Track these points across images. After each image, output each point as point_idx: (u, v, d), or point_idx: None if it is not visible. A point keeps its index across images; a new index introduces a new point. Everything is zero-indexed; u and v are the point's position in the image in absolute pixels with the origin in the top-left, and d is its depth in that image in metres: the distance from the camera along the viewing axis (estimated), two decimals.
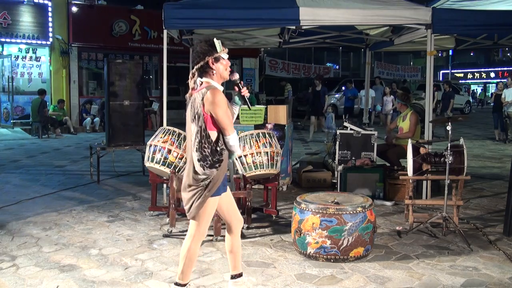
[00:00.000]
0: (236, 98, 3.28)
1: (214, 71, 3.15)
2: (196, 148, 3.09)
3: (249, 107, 3.39)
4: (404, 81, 24.13)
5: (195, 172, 3.09)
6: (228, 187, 3.34)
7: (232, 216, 3.35)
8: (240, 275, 3.41)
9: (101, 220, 5.44)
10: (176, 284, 3.25)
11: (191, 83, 3.18)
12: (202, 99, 3.05)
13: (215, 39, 3.15)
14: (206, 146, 3.07)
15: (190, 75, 3.17)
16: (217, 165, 3.09)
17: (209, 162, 3.07)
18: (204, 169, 3.07)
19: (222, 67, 3.17)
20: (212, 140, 3.08)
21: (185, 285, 3.24)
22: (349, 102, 15.68)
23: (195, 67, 3.14)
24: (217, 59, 3.15)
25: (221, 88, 3.17)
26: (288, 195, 6.55)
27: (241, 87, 3.25)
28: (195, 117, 3.09)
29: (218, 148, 3.10)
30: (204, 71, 3.15)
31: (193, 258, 3.23)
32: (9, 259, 4.19)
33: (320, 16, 5.78)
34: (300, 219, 4.24)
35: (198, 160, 3.08)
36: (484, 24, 6.06)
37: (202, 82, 3.16)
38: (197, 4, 6.00)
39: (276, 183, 5.42)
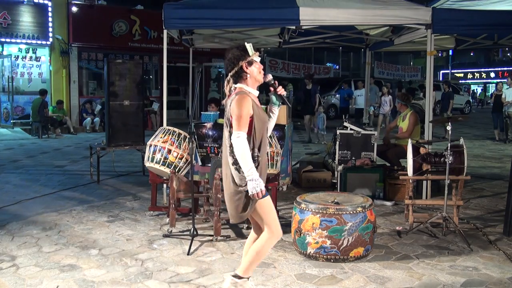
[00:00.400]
0: (274, 98, 3.32)
1: (248, 75, 3.17)
2: (229, 152, 3.11)
3: (288, 105, 3.42)
4: (410, 82, 24.09)
5: (232, 177, 3.11)
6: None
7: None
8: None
9: (101, 220, 5.44)
10: (235, 276, 3.26)
11: (226, 90, 3.22)
12: (231, 105, 3.10)
13: (246, 43, 3.18)
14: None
15: (225, 82, 3.22)
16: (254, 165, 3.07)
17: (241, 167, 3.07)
18: (239, 172, 3.07)
19: (256, 70, 3.19)
20: None
21: (243, 278, 3.24)
22: (345, 103, 15.65)
23: (230, 74, 3.17)
24: (250, 63, 3.17)
25: (256, 93, 3.21)
26: (288, 195, 6.55)
27: (276, 87, 3.27)
28: (226, 122, 3.15)
29: (252, 152, 3.09)
30: (239, 76, 3.17)
31: (262, 256, 3.26)
32: (9, 259, 4.19)
33: (320, 16, 5.78)
34: (300, 219, 4.24)
35: (233, 164, 3.10)
36: (484, 24, 6.06)
37: (235, 88, 3.19)
38: (197, 4, 6.00)
39: (276, 183, 5.42)
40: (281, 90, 3.26)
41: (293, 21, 5.82)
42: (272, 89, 3.29)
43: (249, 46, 3.17)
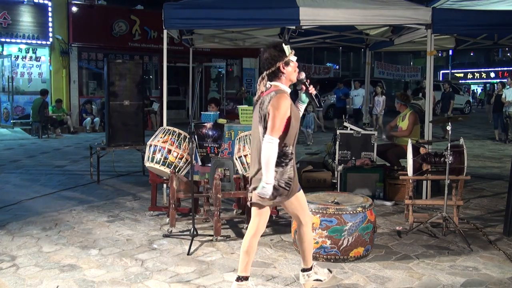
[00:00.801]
0: (303, 96, 3.40)
1: (284, 75, 3.24)
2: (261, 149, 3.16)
3: (316, 104, 3.45)
4: (418, 82, 24.03)
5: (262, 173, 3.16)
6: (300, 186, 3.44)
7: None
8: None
9: (101, 220, 5.44)
10: (305, 270, 3.53)
11: (260, 87, 3.27)
12: (269, 102, 3.14)
13: (283, 44, 3.25)
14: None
15: (260, 79, 3.28)
16: (283, 164, 3.18)
17: (280, 163, 3.16)
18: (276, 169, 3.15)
19: (292, 70, 3.26)
20: (280, 142, 3.14)
21: (310, 268, 3.51)
22: (341, 102, 15.54)
23: (266, 72, 3.24)
24: (287, 63, 3.24)
25: (289, 91, 3.29)
26: None
27: (308, 86, 3.35)
28: (261, 118, 3.18)
29: (283, 149, 3.17)
30: (275, 75, 3.24)
31: (311, 242, 3.51)
32: (9, 259, 4.19)
33: (320, 16, 5.78)
34: None
35: None
36: (484, 24, 6.05)
37: (271, 85, 3.25)
38: (197, 4, 6.00)
39: None
40: (312, 89, 3.36)
41: (293, 21, 5.81)
42: (304, 87, 3.38)
43: (286, 47, 3.24)
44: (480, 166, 9.15)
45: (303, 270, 3.54)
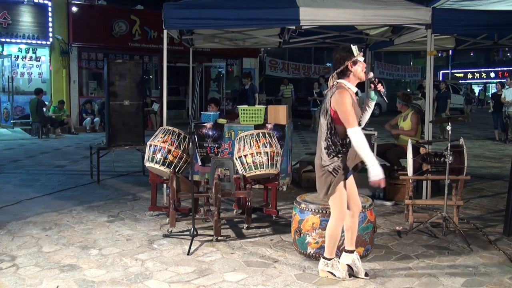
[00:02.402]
0: (372, 93, 3.71)
1: (352, 73, 3.58)
2: (323, 138, 3.60)
3: (385, 100, 3.83)
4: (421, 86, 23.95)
5: (321, 159, 3.61)
6: (352, 174, 3.75)
7: (351, 200, 3.77)
8: (352, 251, 3.82)
9: (101, 220, 5.44)
10: (324, 258, 3.80)
11: (330, 83, 3.67)
12: (331, 97, 3.52)
13: (352, 45, 3.58)
14: (330, 137, 3.57)
15: (330, 77, 3.67)
16: (339, 155, 3.57)
17: (332, 152, 3.57)
18: (328, 157, 3.58)
19: (360, 69, 3.59)
20: (334, 133, 3.57)
21: (331, 259, 3.77)
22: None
23: (336, 71, 3.60)
24: (355, 62, 3.57)
25: (355, 90, 3.62)
26: (288, 195, 6.55)
27: (376, 84, 3.67)
28: (323, 111, 3.59)
29: (340, 141, 3.58)
30: (344, 74, 3.59)
31: (337, 236, 3.74)
32: (9, 259, 4.19)
33: (320, 16, 5.78)
34: (300, 219, 4.24)
35: (324, 148, 3.59)
36: (484, 24, 6.05)
37: (337, 83, 3.60)
38: (197, 4, 6.00)
39: (276, 183, 5.42)
40: (380, 87, 3.67)
41: (293, 21, 5.81)
42: (372, 86, 3.69)
43: (354, 48, 3.56)
44: (480, 166, 9.16)
45: (323, 257, 3.82)
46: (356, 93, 3.65)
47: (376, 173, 3.35)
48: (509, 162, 6.31)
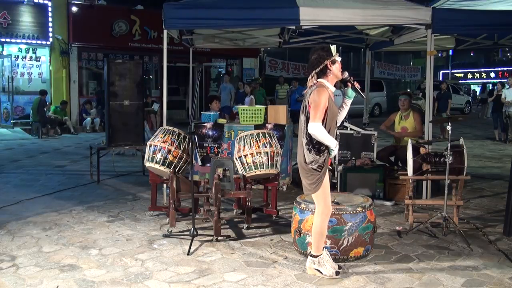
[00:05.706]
0: (349, 92, 3.83)
1: (331, 72, 3.69)
2: (303, 135, 3.69)
3: (363, 96, 4.14)
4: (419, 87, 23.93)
5: (304, 157, 3.70)
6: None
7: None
8: (315, 256, 3.86)
9: (101, 220, 5.44)
10: (311, 255, 3.85)
11: (309, 83, 3.75)
12: (310, 94, 3.64)
13: (330, 45, 3.70)
14: (309, 134, 3.64)
15: (310, 76, 3.74)
16: (321, 151, 3.66)
17: (312, 148, 3.65)
18: (310, 153, 3.67)
19: (337, 68, 3.71)
20: None
21: (317, 256, 3.81)
22: (297, 105, 15.15)
23: (315, 71, 3.68)
24: (333, 62, 3.69)
25: (333, 89, 3.73)
26: (288, 195, 6.55)
27: (352, 82, 3.81)
28: (303, 108, 3.71)
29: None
30: (323, 73, 3.69)
31: (323, 232, 3.81)
32: (9, 259, 4.19)
33: (320, 16, 5.78)
34: (300, 219, 4.24)
35: (305, 145, 3.69)
36: (484, 24, 6.05)
37: (317, 82, 3.70)
38: (197, 4, 6.00)
39: (276, 183, 5.42)
40: (357, 84, 3.80)
41: (293, 21, 5.81)
42: (349, 84, 3.82)
43: (332, 48, 3.68)
44: (480, 166, 9.15)
45: (310, 255, 3.87)
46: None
47: (334, 153, 3.73)
48: (509, 162, 6.31)
